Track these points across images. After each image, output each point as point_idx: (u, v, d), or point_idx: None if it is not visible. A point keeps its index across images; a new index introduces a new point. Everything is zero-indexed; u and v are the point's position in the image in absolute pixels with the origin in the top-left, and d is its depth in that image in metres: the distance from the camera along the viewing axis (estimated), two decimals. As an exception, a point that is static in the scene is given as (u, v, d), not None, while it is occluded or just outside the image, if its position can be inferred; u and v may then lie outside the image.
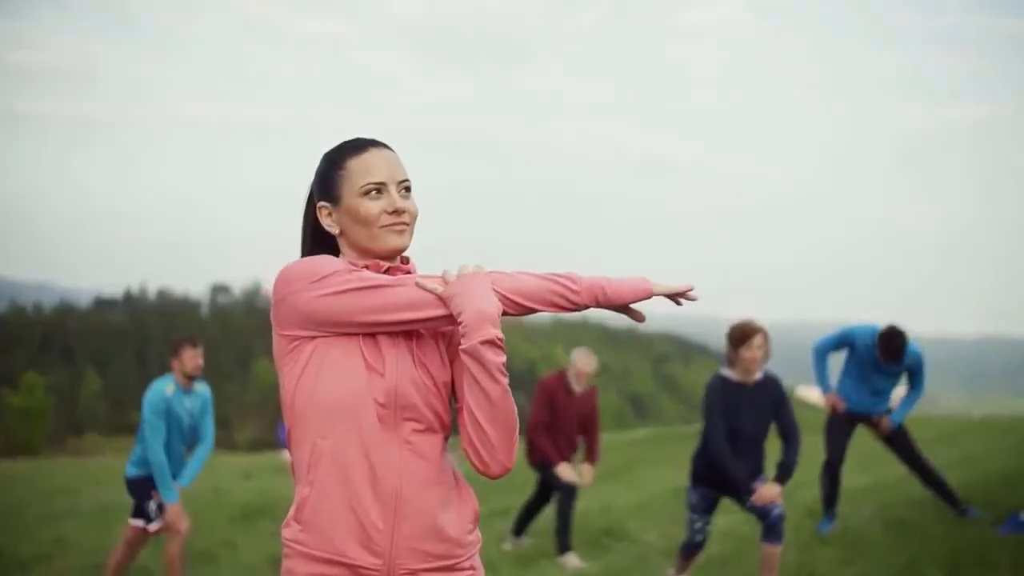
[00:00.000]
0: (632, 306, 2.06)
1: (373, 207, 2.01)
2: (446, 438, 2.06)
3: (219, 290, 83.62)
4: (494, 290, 1.96)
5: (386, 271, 2.04)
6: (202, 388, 5.96)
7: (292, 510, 2.01)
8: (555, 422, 6.81)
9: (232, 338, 70.30)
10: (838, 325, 7.09)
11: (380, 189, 2.02)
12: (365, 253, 2.05)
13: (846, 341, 6.65)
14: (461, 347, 1.92)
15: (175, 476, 5.81)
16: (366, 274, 1.97)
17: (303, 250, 2.16)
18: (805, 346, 6.96)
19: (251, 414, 57.17)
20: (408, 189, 2.06)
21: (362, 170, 2.03)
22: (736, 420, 5.09)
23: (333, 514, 1.95)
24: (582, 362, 6.90)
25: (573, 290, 2.01)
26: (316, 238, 2.13)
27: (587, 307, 2.03)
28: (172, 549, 5.75)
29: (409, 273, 2.06)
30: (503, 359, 1.92)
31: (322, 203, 2.07)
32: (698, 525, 5.34)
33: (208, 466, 6.11)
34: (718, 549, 6.27)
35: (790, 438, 5.13)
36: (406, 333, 2.00)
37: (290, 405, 2.00)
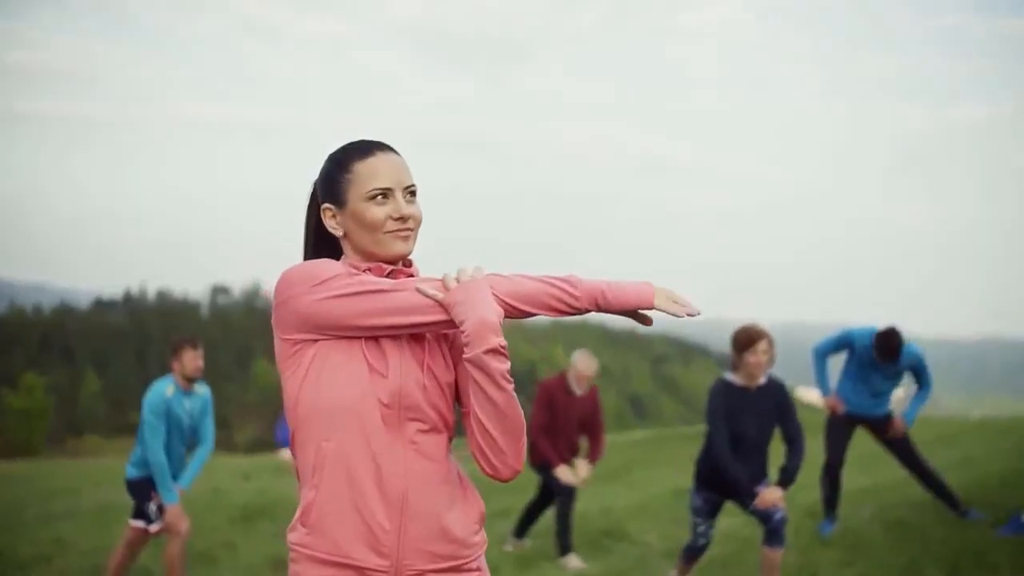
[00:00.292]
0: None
1: (379, 212, 2.01)
2: (450, 438, 2.06)
3: (219, 291, 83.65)
4: (493, 294, 1.96)
5: (388, 274, 2.04)
6: (202, 389, 5.96)
7: (298, 513, 2.01)
8: (555, 424, 6.81)
9: (232, 339, 70.27)
10: (838, 326, 7.10)
11: (386, 194, 2.02)
12: (369, 257, 2.05)
13: (845, 343, 6.65)
14: (465, 357, 1.93)
15: (175, 477, 5.81)
16: (366, 278, 1.97)
17: (305, 251, 2.16)
18: (805, 347, 6.96)
19: (251, 415, 57.13)
20: (413, 194, 2.07)
21: (369, 175, 2.03)
22: (739, 424, 5.05)
23: (339, 516, 1.95)
24: (582, 364, 6.90)
25: (573, 294, 2.00)
26: (319, 239, 2.13)
27: (587, 311, 2.02)
28: (172, 550, 5.75)
29: (412, 276, 2.06)
30: (507, 366, 1.93)
31: (327, 205, 2.07)
32: (701, 528, 5.32)
33: (207, 467, 6.11)
34: (719, 551, 6.26)
35: (794, 443, 5.10)
36: (411, 335, 2.00)
37: (293, 408, 2.00)
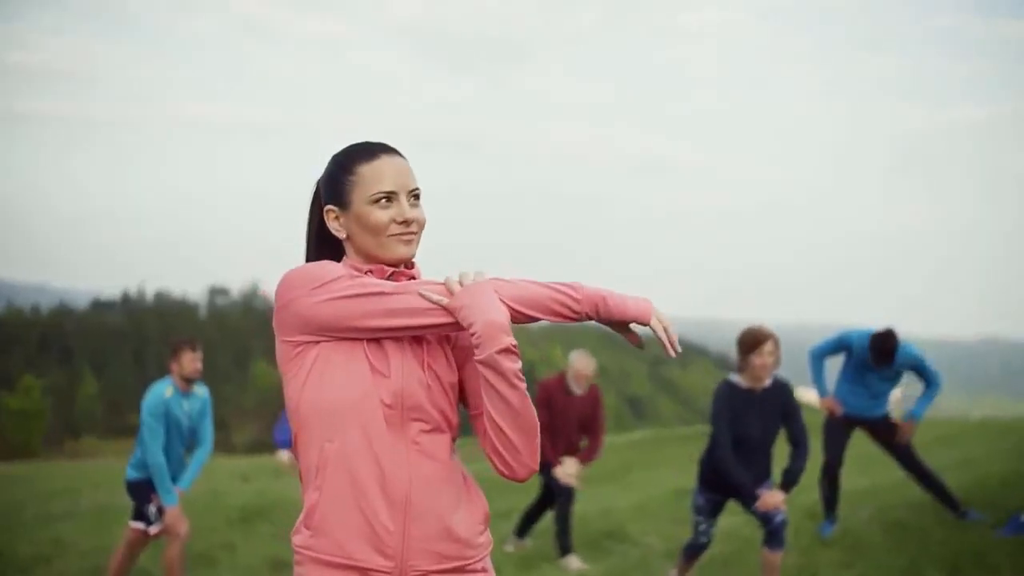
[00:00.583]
0: (632, 326, 2.04)
1: (382, 216, 2.01)
2: (454, 439, 2.05)
3: (217, 292, 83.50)
4: (498, 298, 1.96)
5: (389, 276, 2.04)
6: (201, 391, 5.95)
7: (301, 516, 2.01)
8: (554, 423, 6.81)
9: (230, 340, 70.19)
10: (838, 326, 7.10)
11: (390, 197, 2.02)
12: (371, 259, 2.05)
13: (843, 345, 6.65)
14: (477, 358, 1.92)
15: (175, 479, 5.81)
16: (368, 280, 1.97)
17: (307, 252, 2.16)
18: (805, 348, 6.95)
19: (249, 416, 57.09)
20: (417, 197, 2.07)
21: (373, 177, 2.02)
22: (744, 427, 5.03)
23: (343, 517, 1.95)
24: (581, 364, 6.91)
25: (575, 298, 2.00)
26: (321, 241, 2.13)
27: (586, 318, 2.03)
28: (171, 552, 5.74)
29: (413, 278, 2.06)
30: (519, 365, 1.93)
31: (330, 207, 2.07)
32: (703, 527, 5.33)
33: (206, 468, 6.12)
34: (719, 550, 6.26)
35: (798, 445, 5.08)
36: (411, 336, 2.00)
37: (295, 410, 2.00)
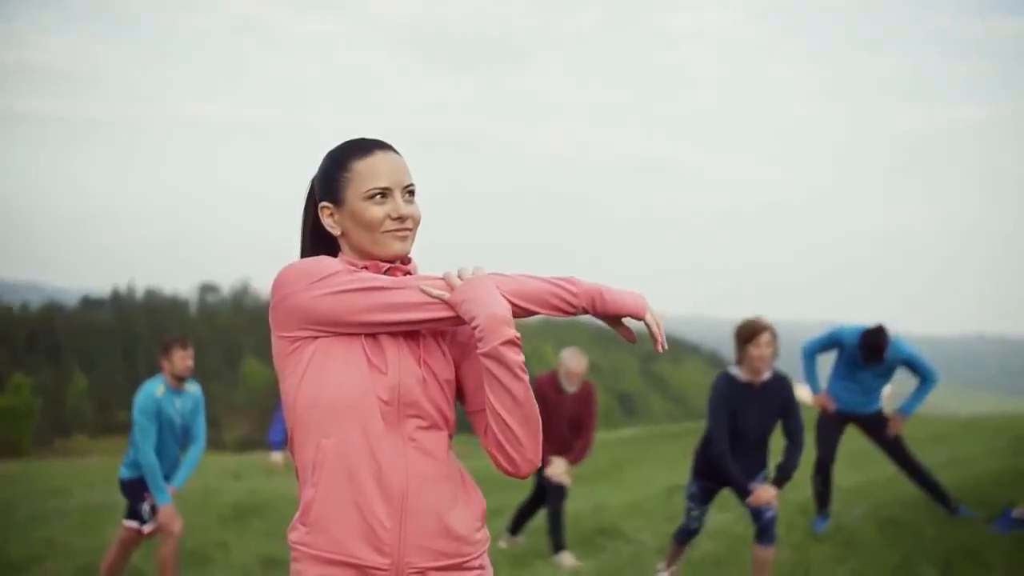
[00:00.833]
0: (624, 322, 2.07)
1: (377, 212, 2.01)
2: (450, 435, 2.05)
3: (207, 289, 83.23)
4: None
5: (386, 272, 2.04)
6: (193, 388, 5.94)
7: (298, 512, 2.01)
8: (546, 422, 6.77)
9: (220, 338, 70.00)
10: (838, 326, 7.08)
11: (385, 194, 2.02)
12: (366, 256, 2.05)
13: (835, 341, 6.66)
14: (481, 351, 1.92)
15: (168, 477, 5.80)
16: (366, 275, 1.97)
17: (302, 248, 2.16)
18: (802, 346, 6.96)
19: (239, 414, 56.97)
20: (412, 194, 2.07)
21: (368, 174, 2.02)
22: (742, 420, 5.02)
23: (340, 514, 1.94)
24: (572, 362, 6.90)
25: (572, 292, 2.02)
26: (316, 237, 2.13)
27: (583, 312, 2.05)
28: (165, 550, 5.73)
29: (409, 274, 2.06)
30: (522, 358, 1.94)
31: (324, 203, 2.07)
32: (695, 513, 5.37)
33: (198, 466, 6.10)
34: (712, 548, 6.27)
35: (794, 441, 5.06)
36: (409, 332, 2.00)
37: (292, 406, 1.99)
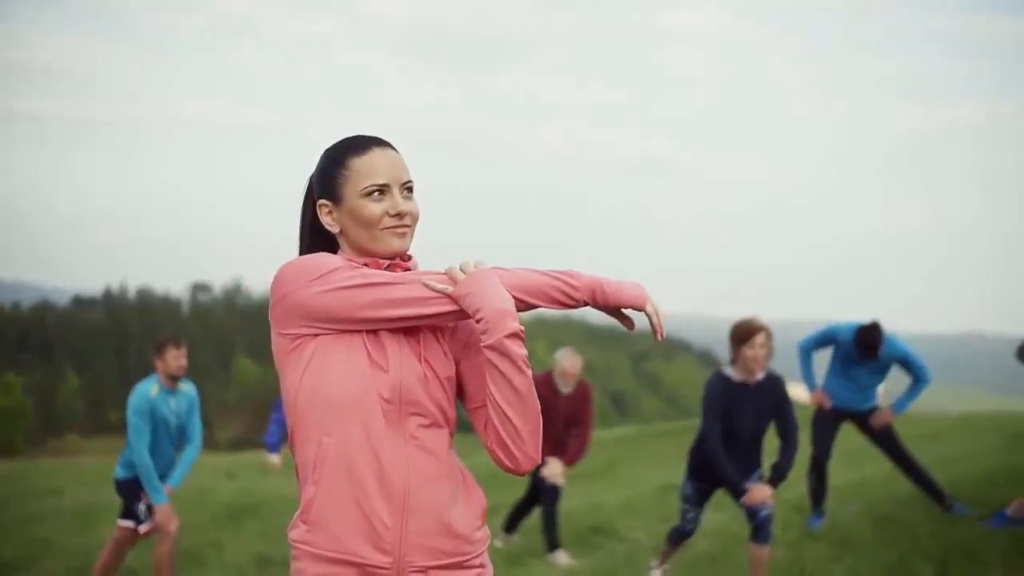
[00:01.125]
0: (624, 312, 2.07)
1: (375, 209, 2.01)
2: (451, 434, 2.05)
3: (199, 289, 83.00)
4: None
5: (386, 268, 2.04)
6: (188, 388, 5.92)
7: (299, 511, 2.00)
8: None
9: (212, 337, 69.83)
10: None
11: (383, 191, 2.02)
12: (365, 253, 2.04)
13: (830, 339, 6.68)
14: (484, 344, 1.92)
15: (164, 477, 5.78)
16: (368, 270, 1.97)
17: (301, 246, 2.15)
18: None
19: (232, 413, 56.84)
20: (410, 190, 2.06)
21: (365, 171, 2.02)
22: (736, 420, 5.02)
23: (340, 512, 1.94)
24: (567, 362, 6.90)
25: (573, 286, 2.02)
26: (314, 235, 2.12)
27: (585, 305, 2.05)
28: (161, 550, 5.71)
29: (408, 270, 2.06)
30: (526, 352, 1.94)
31: (323, 201, 2.07)
32: (690, 515, 5.37)
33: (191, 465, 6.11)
34: (707, 547, 6.28)
35: (788, 441, 5.08)
36: (408, 329, 2.00)
37: (293, 404, 1.98)
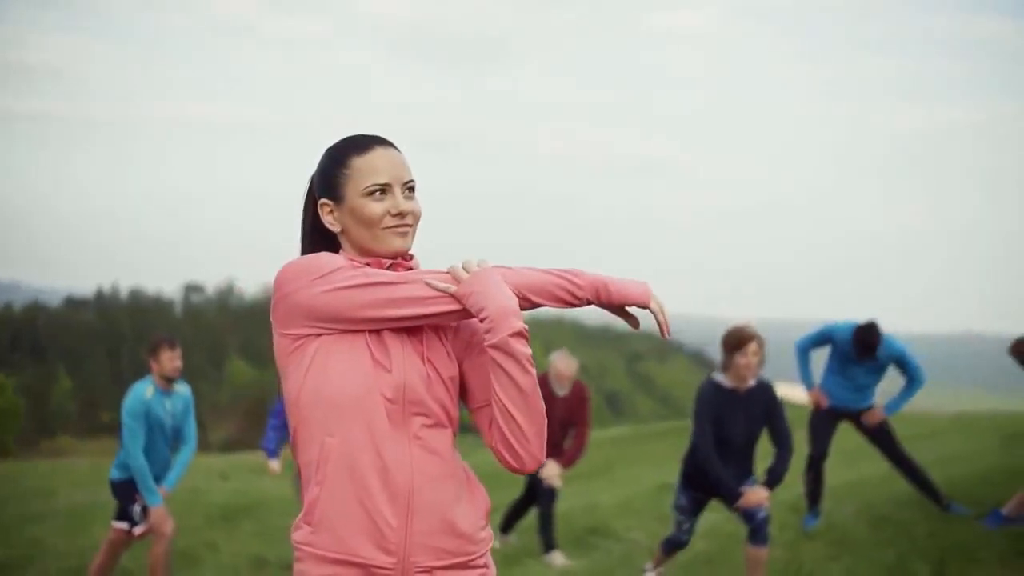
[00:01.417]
0: (629, 310, 2.06)
1: (377, 208, 1.99)
2: (454, 433, 2.04)
3: (192, 289, 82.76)
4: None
5: (388, 268, 2.02)
6: (183, 389, 5.89)
7: (302, 512, 1.99)
8: None
9: (205, 338, 69.68)
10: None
11: (384, 190, 2.01)
12: (367, 253, 2.03)
13: (827, 338, 6.67)
14: (489, 343, 1.91)
15: (159, 479, 5.75)
16: (370, 270, 1.96)
17: (303, 246, 2.14)
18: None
19: (225, 414, 56.70)
20: (412, 189, 2.05)
21: (367, 170, 2.01)
22: (727, 426, 5.02)
23: (344, 513, 1.92)
24: (562, 364, 6.89)
25: (577, 284, 2.01)
26: (316, 235, 2.11)
27: (588, 303, 2.04)
28: (157, 551, 5.69)
29: (411, 270, 2.05)
30: (530, 350, 1.93)
31: (324, 201, 2.05)
32: (685, 526, 5.34)
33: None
34: (704, 547, 6.26)
35: (782, 446, 5.08)
36: (411, 329, 1.99)
37: (295, 404, 1.97)
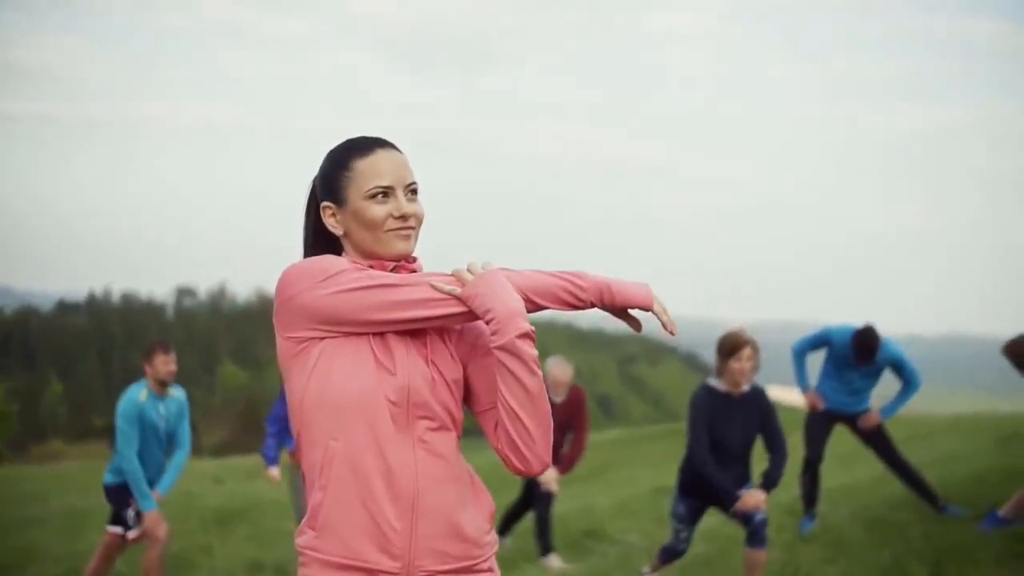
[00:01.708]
0: (631, 313, 2.06)
1: (379, 211, 1.99)
2: (458, 436, 2.03)
3: (184, 293, 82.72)
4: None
5: (391, 271, 2.02)
6: (177, 393, 5.87)
7: (306, 517, 1.97)
8: None
9: (197, 342, 69.62)
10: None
11: (387, 192, 2.00)
12: (369, 256, 2.02)
13: (824, 341, 6.67)
14: (496, 344, 1.90)
15: (153, 483, 5.72)
16: (375, 272, 1.95)
17: (305, 249, 2.13)
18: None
19: (217, 418, 56.60)
20: (415, 192, 2.04)
21: (369, 173, 2.00)
22: (722, 431, 5.04)
23: (348, 517, 1.91)
24: (557, 370, 6.89)
25: (581, 287, 2.01)
26: (319, 237, 2.10)
27: (592, 306, 2.04)
28: (151, 555, 5.67)
29: (414, 272, 2.04)
30: (536, 352, 1.92)
31: (326, 203, 2.05)
32: (683, 535, 5.34)
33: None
34: (702, 550, 6.25)
35: (776, 451, 5.10)
36: (415, 332, 1.98)
37: (299, 408, 1.96)
